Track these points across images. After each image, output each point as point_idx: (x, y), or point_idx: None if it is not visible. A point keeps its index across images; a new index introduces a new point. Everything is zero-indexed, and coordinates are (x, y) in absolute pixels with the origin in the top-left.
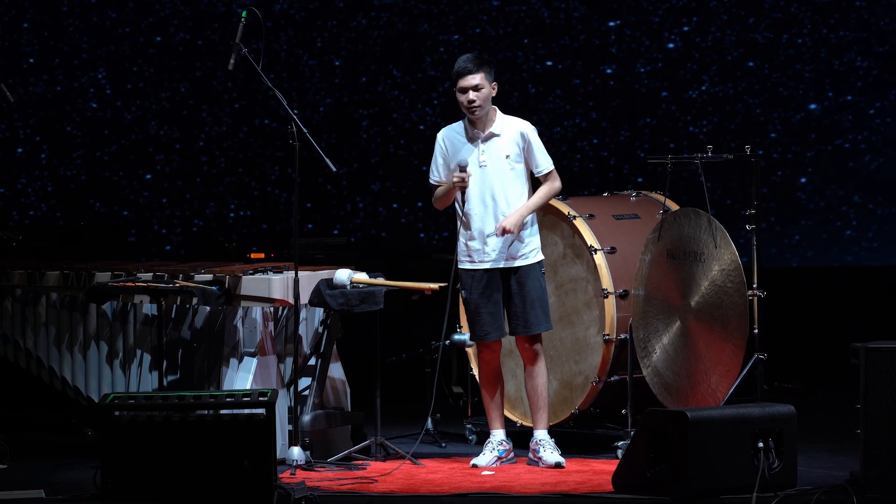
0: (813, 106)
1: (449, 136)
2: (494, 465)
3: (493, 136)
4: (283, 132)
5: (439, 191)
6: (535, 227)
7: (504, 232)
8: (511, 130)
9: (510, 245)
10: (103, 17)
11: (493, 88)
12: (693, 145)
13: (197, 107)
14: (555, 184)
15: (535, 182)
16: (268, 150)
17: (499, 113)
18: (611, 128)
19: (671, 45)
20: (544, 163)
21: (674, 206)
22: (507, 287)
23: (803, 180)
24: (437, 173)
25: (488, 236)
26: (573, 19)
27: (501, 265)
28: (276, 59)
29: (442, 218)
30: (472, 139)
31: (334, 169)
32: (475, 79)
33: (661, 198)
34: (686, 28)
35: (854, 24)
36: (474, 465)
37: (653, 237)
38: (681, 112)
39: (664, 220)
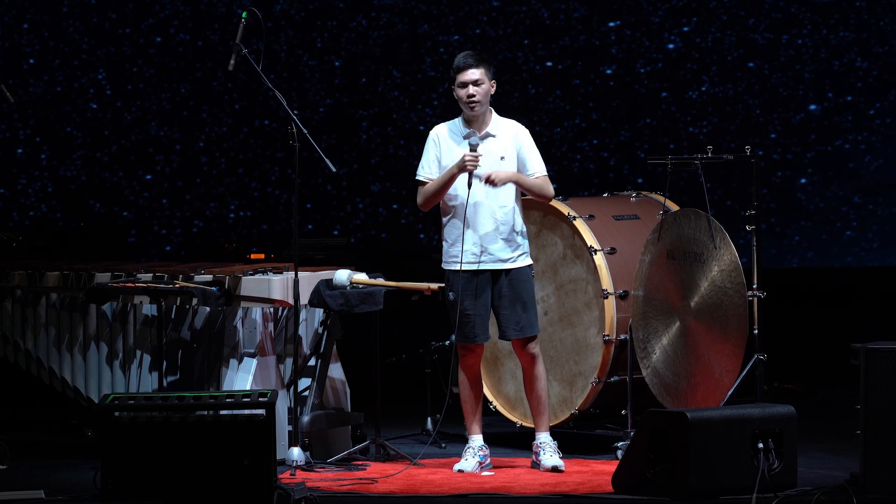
0: (813, 106)
1: (443, 133)
2: (478, 471)
3: (488, 136)
4: (283, 133)
5: (432, 185)
6: (524, 230)
7: (489, 180)
8: (507, 132)
9: (496, 247)
10: (103, 18)
11: (493, 86)
12: (693, 146)
13: (197, 107)
14: (547, 186)
15: None
16: (268, 151)
17: (494, 114)
18: (611, 128)
19: (671, 46)
20: (538, 166)
21: (674, 207)
22: (498, 290)
23: (803, 181)
24: (428, 169)
25: (479, 238)
26: (573, 20)
27: (493, 267)
28: (277, 59)
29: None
30: (466, 137)
31: (334, 169)
32: (475, 73)
33: (661, 198)
34: (686, 29)
35: (854, 25)
36: (459, 470)
37: (653, 238)
38: (681, 112)
39: (664, 220)
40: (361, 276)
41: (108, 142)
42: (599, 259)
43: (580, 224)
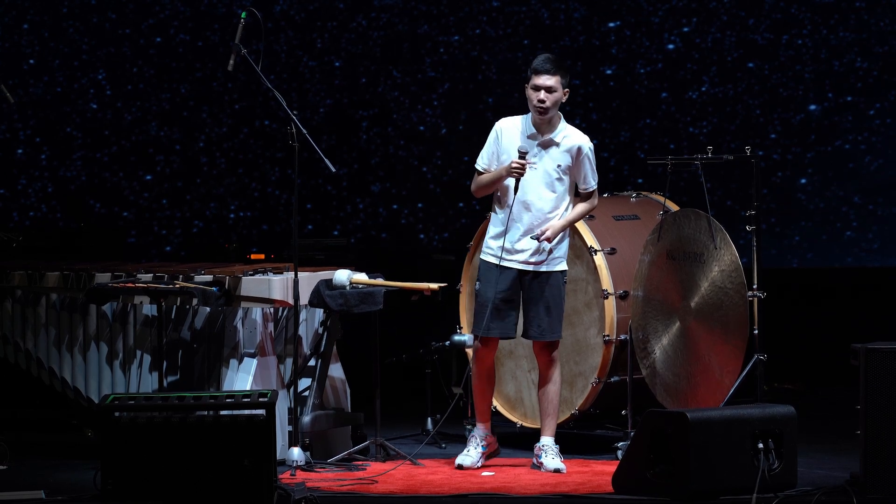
0: (813, 107)
1: (507, 128)
2: (479, 465)
3: (552, 142)
4: (282, 133)
5: (485, 177)
6: (567, 238)
7: (544, 237)
8: (570, 141)
9: (538, 252)
10: (103, 19)
11: (565, 94)
12: (693, 146)
13: (197, 108)
14: (594, 202)
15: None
16: (268, 151)
17: (563, 121)
18: (611, 129)
19: (671, 46)
20: (592, 181)
21: (674, 207)
22: (529, 290)
23: (803, 181)
24: (486, 160)
25: (521, 237)
26: (573, 20)
27: (523, 267)
28: (276, 60)
29: (441, 219)
30: (531, 138)
31: (334, 170)
32: (550, 80)
33: (661, 199)
34: (686, 29)
35: (854, 25)
36: (459, 466)
37: (653, 238)
38: (681, 113)
39: (664, 220)
40: (361, 277)
41: (108, 142)
42: (599, 259)
43: (580, 224)
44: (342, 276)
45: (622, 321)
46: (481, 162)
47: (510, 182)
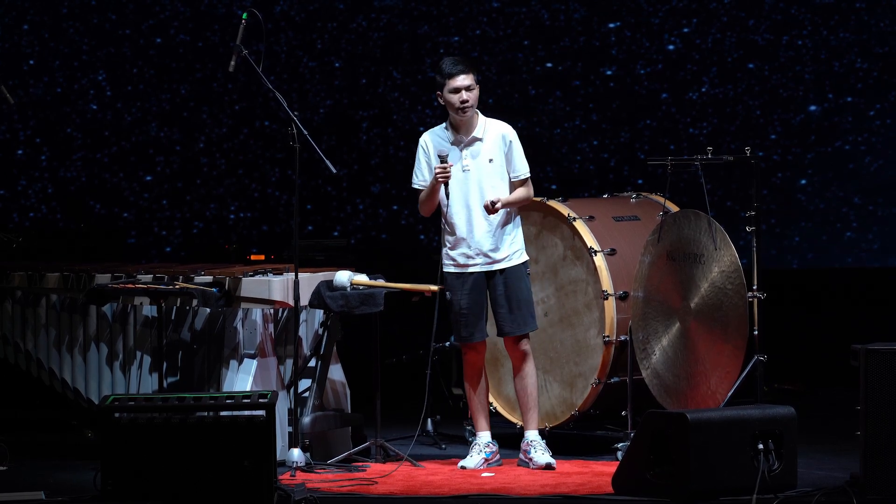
0: (813, 107)
1: (432, 140)
2: (482, 468)
3: (476, 140)
4: (283, 134)
5: (424, 194)
6: (519, 228)
7: (492, 207)
8: (494, 133)
9: (491, 247)
10: (103, 19)
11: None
12: (693, 147)
13: (197, 108)
14: (530, 191)
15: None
16: (268, 152)
17: (481, 116)
18: (611, 129)
19: (671, 47)
20: (522, 167)
21: (674, 208)
22: (493, 289)
23: (803, 182)
24: (422, 176)
25: (475, 240)
26: (573, 21)
27: (487, 268)
28: (277, 60)
29: (441, 220)
30: (455, 143)
31: (334, 171)
32: (468, 79)
33: (661, 199)
34: (686, 30)
35: (854, 26)
36: (462, 468)
37: (653, 239)
38: (681, 114)
39: (664, 221)
40: (362, 278)
41: (108, 143)
42: (599, 260)
43: (580, 225)
44: (343, 277)
45: (622, 322)
46: (417, 179)
47: (443, 189)
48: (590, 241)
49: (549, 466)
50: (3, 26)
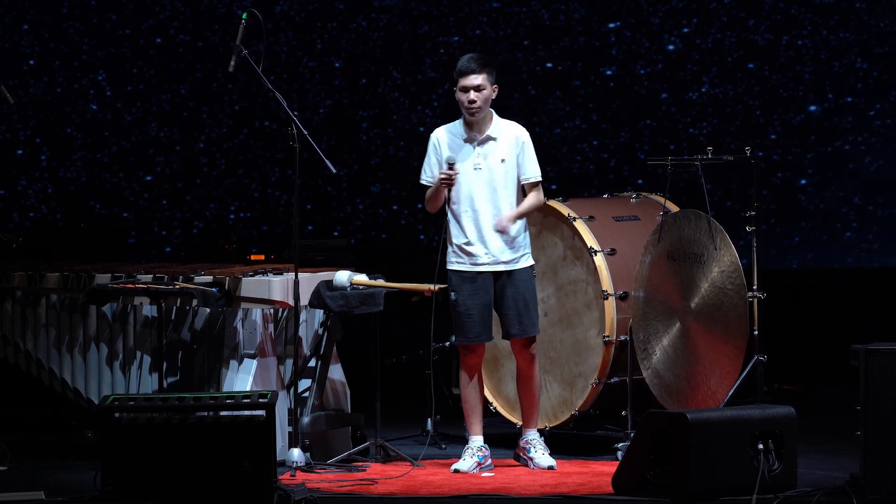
0: (813, 107)
1: (444, 137)
2: (476, 471)
3: (489, 139)
4: (283, 134)
5: (430, 191)
6: (527, 232)
7: (502, 227)
8: (508, 135)
9: (507, 243)
10: (103, 19)
11: (494, 91)
12: (693, 147)
13: (197, 108)
14: (540, 196)
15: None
16: (268, 152)
17: (495, 116)
18: (611, 129)
19: (671, 47)
20: (534, 171)
21: (674, 208)
22: (500, 290)
23: (803, 182)
24: (430, 173)
25: (484, 239)
26: (573, 21)
27: (495, 269)
28: (277, 60)
29: (441, 220)
30: (468, 141)
31: (334, 170)
32: (477, 79)
33: (661, 199)
34: (686, 30)
35: (854, 26)
36: (456, 470)
37: (653, 239)
38: (681, 114)
39: (664, 221)
40: (361, 278)
41: (108, 143)
42: (599, 260)
43: (580, 225)
44: (343, 277)
45: (622, 322)
46: (425, 175)
47: (446, 192)
48: (590, 241)
49: (551, 468)
50: (3, 26)
